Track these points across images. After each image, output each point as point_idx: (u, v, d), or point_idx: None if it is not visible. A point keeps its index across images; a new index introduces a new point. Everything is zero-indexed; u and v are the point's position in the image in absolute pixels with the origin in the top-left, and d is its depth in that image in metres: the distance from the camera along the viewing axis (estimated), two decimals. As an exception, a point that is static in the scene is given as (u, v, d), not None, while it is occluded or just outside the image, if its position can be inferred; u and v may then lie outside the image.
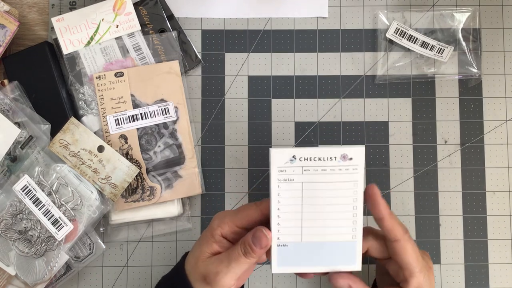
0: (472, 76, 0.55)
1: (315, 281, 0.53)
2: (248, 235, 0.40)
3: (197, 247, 0.42)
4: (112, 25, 0.53)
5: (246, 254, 0.39)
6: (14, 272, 0.49)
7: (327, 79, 0.55)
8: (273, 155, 0.39)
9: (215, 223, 0.42)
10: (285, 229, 0.40)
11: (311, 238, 0.40)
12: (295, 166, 0.39)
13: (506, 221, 0.54)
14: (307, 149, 0.39)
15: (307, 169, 0.39)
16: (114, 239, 0.53)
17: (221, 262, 0.40)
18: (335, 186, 0.39)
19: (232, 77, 0.55)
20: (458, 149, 0.55)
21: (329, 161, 0.39)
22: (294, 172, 0.39)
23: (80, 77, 0.53)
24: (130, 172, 0.51)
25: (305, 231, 0.40)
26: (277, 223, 0.40)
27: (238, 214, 0.42)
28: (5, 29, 0.51)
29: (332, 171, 0.39)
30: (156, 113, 0.53)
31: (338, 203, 0.40)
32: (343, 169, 0.39)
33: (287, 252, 0.40)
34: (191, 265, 0.42)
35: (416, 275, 0.40)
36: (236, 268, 0.40)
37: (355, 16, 0.56)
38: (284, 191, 0.40)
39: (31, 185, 0.49)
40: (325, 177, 0.39)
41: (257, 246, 0.39)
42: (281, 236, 0.40)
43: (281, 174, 0.39)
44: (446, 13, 0.55)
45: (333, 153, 0.39)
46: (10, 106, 0.50)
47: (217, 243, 0.41)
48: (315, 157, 0.39)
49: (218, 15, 0.56)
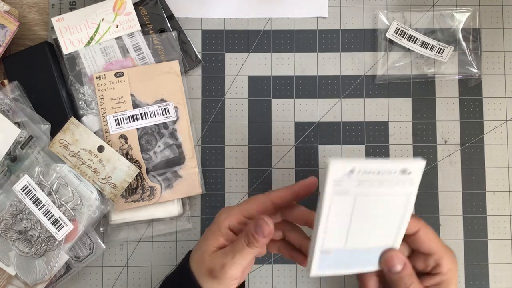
0: (472, 76, 0.55)
1: (315, 281, 0.53)
2: (251, 225, 0.40)
3: (203, 242, 0.42)
4: (112, 25, 0.53)
5: (249, 244, 0.39)
6: (14, 272, 0.49)
7: (327, 79, 0.55)
8: (331, 167, 0.36)
9: (222, 216, 0.42)
10: (331, 237, 0.39)
11: (355, 244, 0.39)
12: (352, 179, 0.37)
13: (506, 221, 0.54)
14: (367, 163, 0.37)
15: (363, 182, 0.37)
16: (114, 239, 0.53)
17: (226, 255, 0.40)
18: (388, 198, 0.38)
19: (232, 77, 0.55)
20: (458, 149, 0.55)
21: (387, 174, 0.37)
22: (350, 184, 0.37)
23: (80, 77, 0.53)
24: (130, 172, 0.51)
25: (350, 239, 0.39)
26: (323, 232, 0.38)
27: (246, 204, 0.42)
28: (5, 29, 0.51)
29: (388, 184, 0.38)
30: (156, 113, 0.53)
31: (389, 214, 0.39)
32: (400, 182, 0.38)
33: (329, 258, 0.40)
34: (197, 261, 0.42)
35: (446, 254, 0.41)
36: (241, 259, 0.40)
37: (355, 16, 0.56)
38: (336, 203, 0.38)
39: (31, 185, 0.49)
40: (380, 190, 0.38)
41: (260, 235, 0.39)
42: (325, 243, 0.39)
43: (336, 187, 0.37)
44: (446, 13, 0.55)
45: (394, 167, 0.37)
46: (10, 106, 0.50)
47: (223, 236, 0.41)
48: (375, 171, 0.37)
49: (218, 15, 0.56)
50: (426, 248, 0.41)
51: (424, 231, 0.41)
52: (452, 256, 0.42)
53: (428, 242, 0.41)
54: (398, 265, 0.40)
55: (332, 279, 0.53)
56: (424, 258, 0.42)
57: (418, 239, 0.41)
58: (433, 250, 0.41)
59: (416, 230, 0.41)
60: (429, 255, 0.41)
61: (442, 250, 0.41)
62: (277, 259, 0.54)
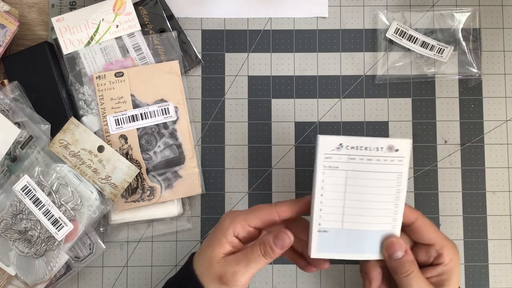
0: (472, 76, 0.55)
1: (315, 281, 0.53)
2: (268, 236, 0.40)
3: (208, 247, 0.42)
4: (112, 25, 0.53)
5: (265, 255, 0.40)
6: (14, 272, 0.49)
7: (327, 79, 0.55)
8: (320, 141, 0.40)
9: (227, 222, 0.42)
10: (327, 215, 0.41)
11: (352, 225, 0.41)
12: (341, 154, 0.40)
13: (506, 221, 0.54)
14: (354, 138, 0.40)
15: (352, 158, 0.40)
16: (114, 239, 0.53)
17: (238, 262, 0.40)
18: (379, 176, 0.40)
19: (232, 77, 0.55)
20: (458, 149, 0.55)
21: (375, 151, 0.40)
22: (340, 159, 0.40)
23: (80, 77, 0.53)
24: (130, 172, 0.51)
25: (346, 218, 0.41)
26: (319, 209, 0.41)
27: (251, 213, 0.42)
28: (5, 29, 0.51)
29: (377, 161, 0.40)
30: (156, 113, 0.53)
31: (381, 193, 0.40)
32: (389, 160, 0.40)
33: (327, 238, 0.41)
34: (204, 267, 0.41)
35: (446, 244, 0.41)
36: (254, 268, 0.40)
37: (355, 16, 0.56)
38: (328, 178, 0.40)
39: (31, 185, 0.49)
40: (370, 166, 0.40)
41: (278, 247, 0.40)
42: (322, 221, 0.41)
43: (327, 161, 0.40)
44: (446, 13, 0.55)
45: (380, 143, 0.40)
46: (10, 106, 0.50)
47: (229, 243, 0.41)
48: (362, 146, 0.40)
49: (218, 15, 0.56)
50: (426, 238, 0.42)
51: (422, 220, 0.42)
52: (453, 246, 0.42)
53: (428, 232, 0.41)
54: (399, 252, 0.41)
55: (332, 279, 0.53)
56: (426, 249, 0.42)
57: (417, 229, 0.42)
58: (433, 240, 0.41)
59: (413, 219, 0.42)
60: (430, 246, 0.42)
61: (442, 240, 0.42)
62: (277, 259, 0.53)
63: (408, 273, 0.40)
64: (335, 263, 0.53)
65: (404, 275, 0.40)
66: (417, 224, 0.42)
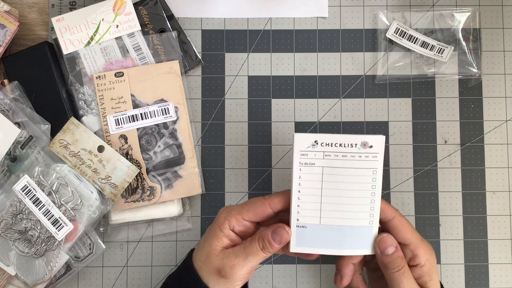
0: (472, 76, 0.55)
1: (315, 281, 0.53)
2: (267, 231, 0.41)
3: (206, 242, 0.43)
4: (112, 25, 0.53)
5: (264, 249, 0.41)
6: (14, 272, 0.49)
7: (327, 79, 0.55)
8: (296, 139, 0.41)
9: (222, 216, 0.43)
10: (304, 211, 0.42)
11: (329, 221, 0.42)
12: (317, 151, 0.41)
13: (506, 221, 0.54)
14: (328, 135, 0.41)
15: (328, 154, 0.41)
16: (114, 239, 0.53)
17: (237, 256, 0.41)
18: (354, 172, 0.41)
19: (232, 77, 0.55)
20: (458, 149, 0.55)
21: (349, 147, 0.41)
22: (315, 156, 0.41)
23: (80, 77, 0.53)
24: (130, 172, 0.51)
25: (324, 214, 0.42)
26: (297, 205, 0.42)
27: (245, 207, 0.43)
28: (5, 29, 0.51)
29: (352, 157, 0.41)
30: (156, 113, 0.53)
31: (357, 189, 0.41)
32: (363, 156, 0.41)
33: (305, 233, 0.42)
34: (202, 261, 0.42)
35: (421, 244, 0.42)
36: (252, 261, 0.41)
37: (355, 16, 0.56)
38: (305, 174, 0.41)
39: (31, 185, 0.49)
40: (345, 163, 0.41)
41: (277, 242, 0.41)
42: (300, 217, 0.42)
43: (303, 157, 0.41)
44: (446, 13, 0.55)
45: (354, 140, 0.41)
46: (10, 106, 0.50)
47: (226, 236, 0.42)
48: (336, 143, 0.41)
49: (218, 15, 0.56)
50: (401, 238, 0.42)
51: (399, 219, 0.42)
52: (428, 246, 0.43)
53: (403, 231, 0.42)
54: (391, 247, 0.41)
55: (332, 279, 0.53)
56: (401, 249, 0.43)
57: (393, 227, 0.42)
58: (408, 239, 0.42)
59: (390, 217, 0.42)
60: (405, 245, 0.42)
61: (417, 241, 0.42)
62: (277, 259, 0.54)
63: (399, 268, 0.41)
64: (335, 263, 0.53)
65: (396, 270, 0.41)
66: (393, 222, 0.42)
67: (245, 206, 0.43)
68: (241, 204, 0.43)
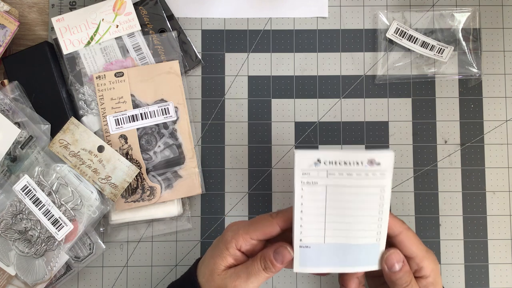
0: (472, 76, 0.55)
1: (315, 281, 0.53)
2: (269, 251, 0.40)
3: (211, 259, 0.42)
4: (112, 25, 0.53)
5: (266, 269, 0.40)
6: (14, 272, 0.49)
7: (327, 79, 0.55)
8: (297, 158, 0.38)
9: (229, 235, 0.41)
10: (307, 231, 0.39)
11: (334, 240, 0.40)
12: (320, 169, 0.38)
13: (506, 221, 0.54)
14: (332, 153, 0.38)
15: (332, 173, 0.38)
16: (114, 239, 0.53)
17: (239, 276, 0.40)
18: (361, 190, 0.38)
19: (232, 77, 0.55)
20: (458, 149, 0.55)
21: (355, 165, 0.38)
22: (318, 175, 0.38)
23: (80, 77, 0.53)
24: (130, 172, 0.51)
25: (328, 233, 0.39)
26: (300, 225, 0.39)
27: (252, 226, 0.41)
28: (5, 29, 0.51)
29: (358, 175, 0.38)
30: (156, 113, 0.53)
31: (364, 207, 0.39)
32: (370, 174, 0.38)
33: (309, 253, 0.40)
34: (206, 278, 0.42)
35: (426, 256, 0.41)
36: (254, 282, 0.40)
37: (355, 16, 0.56)
38: (307, 194, 0.39)
39: (31, 185, 0.49)
40: (351, 181, 0.38)
41: (279, 262, 0.40)
42: (303, 237, 0.40)
43: (305, 177, 0.38)
44: (446, 13, 0.55)
45: (360, 157, 0.38)
46: (10, 106, 0.50)
47: (231, 256, 0.41)
48: (341, 161, 0.38)
49: (218, 15, 0.56)
50: (408, 252, 0.41)
51: (406, 234, 0.41)
52: (432, 257, 0.42)
53: (410, 246, 0.41)
54: (398, 264, 0.40)
55: (333, 279, 0.53)
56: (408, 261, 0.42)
57: (400, 242, 0.41)
58: (414, 253, 0.41)
59: (398, 232, 0.41)
60: (410, 258, 0.41)
61: (422, 253, 0.41)
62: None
63: (407, 284, 0.40)
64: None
65: (404, 286, 0.40)
66: (400, 237, 0.41)
67: (252, 225, 0.41)
68: (249, 222, 0.42)
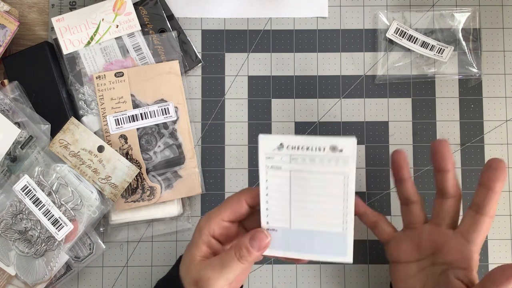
0: (472, 76, 0.55)
1: (315, 281, 0.53)
2: (244, 238, 0.39)
3: (188, 251, 0.42)
4: (112, 25, 0.53)
5: (240, 258, 0.39)
6: (14, 272, 0.49)
7: (327, 79, 0.55)
8: (261, 141, 0.39)
9: (202, 222, 0.41)
10: (273, 214, 0.40)
11: (300, 225, 0.40)
12: (283, 154, 0.39)
13: (506, 221, 0.54)
14: (294, 137, 0.38)
15: (294, 158, 0.39)
16: (114, 239, 0.53)
17: (213, 267, 0.39)
18: (324, 177, 0.39)
19: (232, 77, 0.55)
20: (458, 149, 0.55)
21: (317, 151, 0.38)
22: (281, 159, 0.39)
23: (80, 77, 0.53)
24: (130, 172, 0.51)
25: (294, 218, 0.40)
26: (266, 208, 0.40)
27: (222, 207, 0.41)
28: (5, 29, 0.51)
29: (321, 161, 0.38)
30: (156, 113, 0.53)
31: (328, 194, 0.39)
32: (333, 160, 0.38)
33: (276, 237, 0.40)
34: (184, 270, 0.41)
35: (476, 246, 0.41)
36: (228, 273, 0.39)
37: (355, 16, 0.56)
38: (272, 178, 0.39)
39: (31, 185, 0.49)
40: (314, 167, 0.38)
41: (255, 248, 0.39)
42: (270, 220, 0.40)
43: (268, 160, 0.39)
44: (446, 13, 0.55)
45: (322, 143, 0.38)
46: (10, 106, 0.50)
47: (205, 244, 0.40)
48: (303, 146, 0.38)
49: (218, 15, 0.56)
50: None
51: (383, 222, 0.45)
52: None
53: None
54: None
55: (332, 279, 0.53)
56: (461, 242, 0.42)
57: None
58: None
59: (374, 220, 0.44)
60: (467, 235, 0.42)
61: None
62: (277, 259, 0.54)
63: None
64: (335, 263, 0.53)
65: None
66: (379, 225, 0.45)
67: (222, 206, 0.41)
68: (219, 205, 0.42)
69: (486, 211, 0.40)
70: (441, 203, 0.43)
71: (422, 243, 0.43)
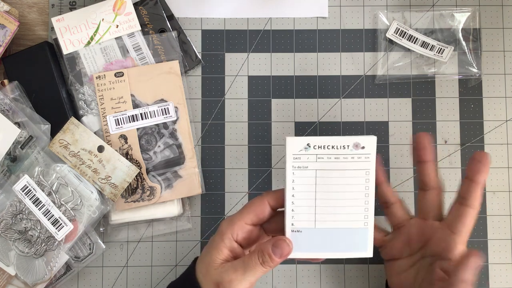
0: (472, 76, 0.55)
1: (315, 281, 0.53)
2: (267, 244, 0.40)
3: (207, 253, 0.42)
4: (112, 25, 0.53)
5: (264, 263, 0.40)
6: (14, 272, 0.49)
7: (327, 79, 0.55)
8: (288, 142, 0.41)
9: (224, 226, 0.41)
10: (299, 215, 0.41)
11: (324, 224, 0.42)
12: (309, 154, 0.41)
13: (506, 221, 0.54)
14: (321, 138, 0.41)
15: (320, 157, 0.41)
16: (114, 239, 0.53)
17: (236, 270, 0.40)
18: (347, 174, 0.41)
19: (232, 77, 0.55)
20: (458, 149, 0.55)
21: (342, 149, 0.41)
22: (308, 159, 0.41)
23: (80, 77, 0.53)
24: (130, 172, 0.51)
25: (319, 217, 0.42)
26: (292, 209, 0.41)
27: (245, 210, 0.42)
28: (5, 29, 0.51)
29: (345, 159, 0.41)
30: (156, 113, 0.53)
31: (351, 190, 0.41)
32: (356, 157, 0.41)
33: (301, 238, 0.42)
34: (203, 273, 0.41)
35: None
36: (251, 276, 0.40)
37: (355, 16, 0.56)
38: (298, 178, 0.41)
39: (31, 185, 0.49)
40: (338, 165, 0.41)
41: (277, 256, 0.40)
42: (295, 222, 0.41)
43: (295, 161, 0.41)
44: (446, 13, 0.55)
45: (346, 141, 0.41)
46: (10, 106, 0.50)
47: (227, 248, 0.41)
48: (329, 145, 0.41)
49: (218, 15, 0.56)
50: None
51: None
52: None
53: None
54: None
55: (332, 279, 0.53)
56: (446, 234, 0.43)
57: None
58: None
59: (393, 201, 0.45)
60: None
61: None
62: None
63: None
64: (335, 263, 0.53)
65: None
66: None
67: (245, 209, 0.42)
68: (241, 209, 0.42)
69: (470, 202, 0.42)
70: (424, 195, 0.45)
71: (412, 238, 0.44)
